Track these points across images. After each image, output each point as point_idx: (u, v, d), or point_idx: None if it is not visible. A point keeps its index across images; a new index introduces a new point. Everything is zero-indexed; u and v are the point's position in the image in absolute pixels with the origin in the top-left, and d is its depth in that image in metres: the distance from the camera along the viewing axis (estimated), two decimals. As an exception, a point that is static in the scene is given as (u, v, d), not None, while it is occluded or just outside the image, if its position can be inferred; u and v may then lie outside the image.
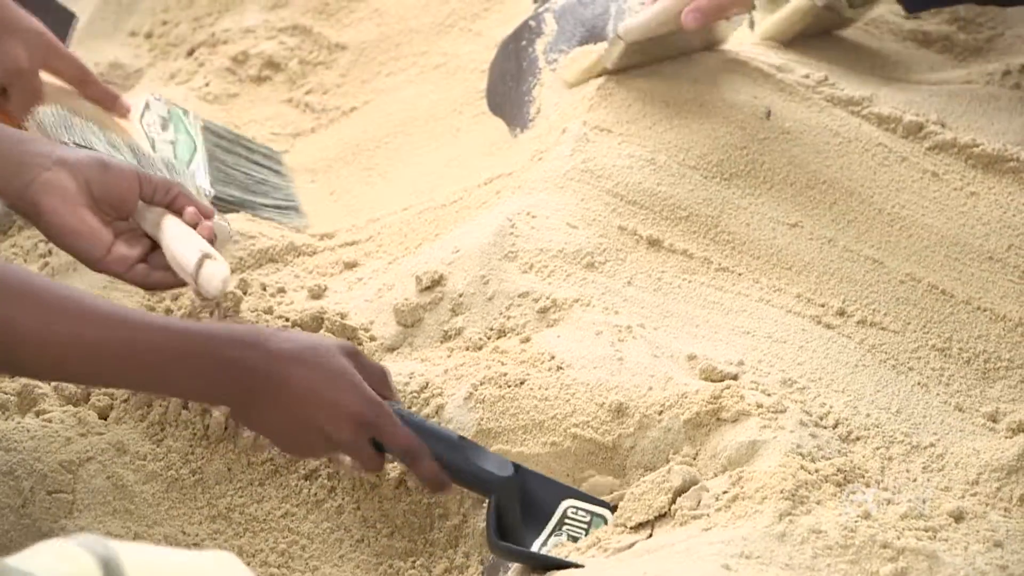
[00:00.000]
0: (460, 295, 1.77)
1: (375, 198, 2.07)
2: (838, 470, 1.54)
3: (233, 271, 1.88)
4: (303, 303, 1.80)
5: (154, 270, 1.65)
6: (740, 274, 1.84)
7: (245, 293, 1.81)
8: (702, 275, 1.82)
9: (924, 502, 1.56)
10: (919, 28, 2.23)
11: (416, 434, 1.50)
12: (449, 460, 1.51)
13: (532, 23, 2.17)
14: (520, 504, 1.54)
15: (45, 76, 1.88)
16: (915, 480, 1.60)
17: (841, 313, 1.80)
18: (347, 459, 1.50)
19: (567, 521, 1.56)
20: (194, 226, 1.66)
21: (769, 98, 1.99)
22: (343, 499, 1.64)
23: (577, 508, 1.57)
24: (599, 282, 1.77)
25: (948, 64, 2.14)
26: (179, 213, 1.67)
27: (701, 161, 1.92)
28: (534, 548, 1.53)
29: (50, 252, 1.92)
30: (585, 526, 1.56)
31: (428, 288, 1.79)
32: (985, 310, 1.83)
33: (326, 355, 1.47)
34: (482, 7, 2.34)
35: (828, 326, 1.79)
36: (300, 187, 2.11)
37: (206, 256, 1.60)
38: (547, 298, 1.73)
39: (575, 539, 1.55)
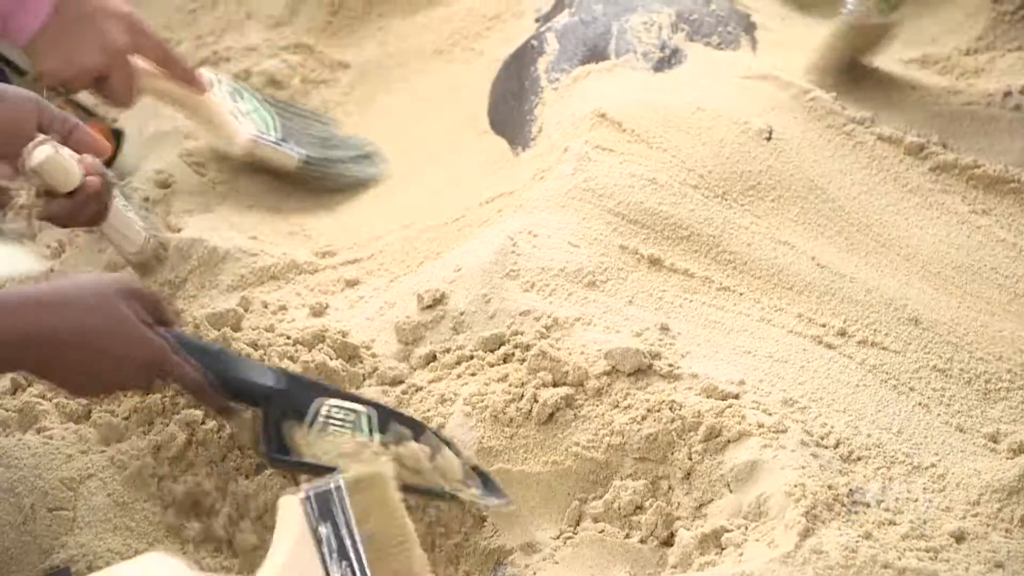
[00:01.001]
0: (462, 313, 1.77)
1: (377, 216, 2.07)
2: (840, 490, 1.54)
3: (234, 289, 1.88)
4: (304, 321, 1.81)
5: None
6: (741, 294, 1.83)
7: (247, 311, 1.81)
8: (703, 294, 1.82)
9: (925, 522, 1.57)
10: (921, 50, 2.24)
11: (190, 353, 1.54)
12: (219, 374, 1.54)
13: (534, 43, 2.18)
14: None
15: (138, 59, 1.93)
16: (916, 500, 1.60)
17: (842, 333, 1.80)
18: None
19: (330, 420, 1.57)
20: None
21: (771, 118, 1.99)
22: (344, 517, 1.64)
23: (337, 407, 1.59)
24: (600, 301, 1.77)
25: (949, 86, 2.14)
26: (76, 148, 1.65)
27: (702, 181, 1.92)
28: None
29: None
30: (349, 424, 1.58)
31: (430, 306, 1.79)
32: (986, 331, 1.83)
33: (103, 304, 1.49)
34: (484, 26, 2.35)
35: (829, 346, 1.79)
36: (302, 203, 2.12)
37: (41, 142, 1.59)
38: (548, 317, 1.73)
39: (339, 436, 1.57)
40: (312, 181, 2.10)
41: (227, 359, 1.58)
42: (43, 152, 1.58)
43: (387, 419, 1.59)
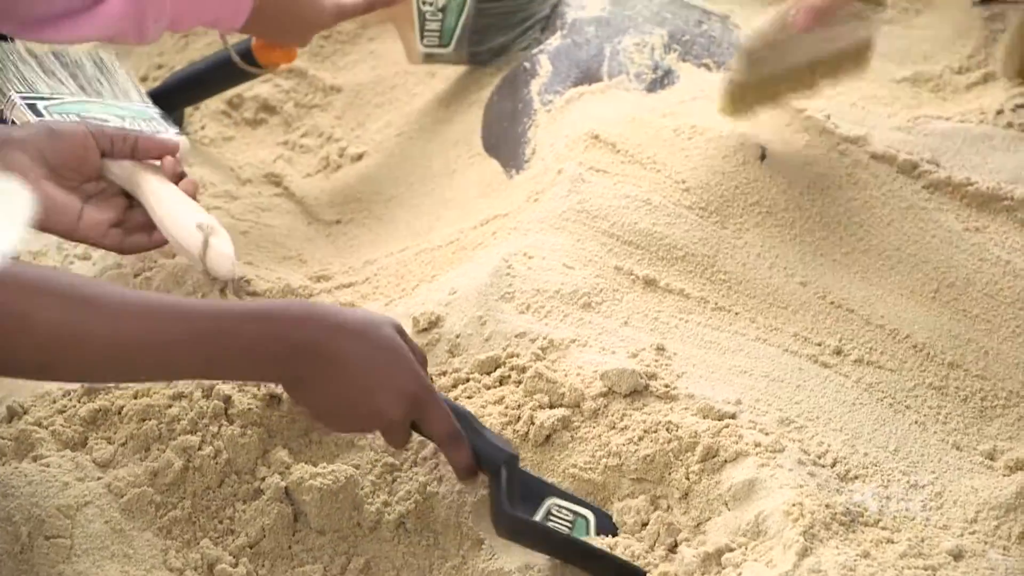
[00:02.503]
0: (457, 336, 1.77)
1: (371, 240, 2.08)
2: (837, 509, 1.55)
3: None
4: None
5: (129, 234, 1.65)
6: (737, 313, 1.84)
7: (242, 336, 1.81)
8: (698, 315, 1.82)
9: (923, 540, 1.57)
10: (913, 68, 2.24)
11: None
12: (468, 436, 1.54)
13: (527, 64, 2.19)
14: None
15: None
16: (914, 519, 1.60)
17: (838, 352, 1.81)
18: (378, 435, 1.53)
19: (551, 518, 1.57)
20: (177, 179, 1.65)
21: (765, 139, 2.00)
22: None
23: (561, 507, 1.59)
24: (596, 322, 1.77)
25: (941, 104, 2.15)
26: (145, 156, 1.68)
27: (696, 201, 1.93)
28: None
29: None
30: (569, 525, 1.58)
31: (425, 329, 1.79)
32: (982, 348, 1.84)
33: (379, 330, 1.48)
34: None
35: (825, 365, 1.79)
36: (297, 227, 2.12)
37: (210, 235, 1.60)
38: (544, 338, 1.74)
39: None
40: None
41: (474, 422, 1.57)
42: (228, 252, 1.64)
43: (608, 526, 1.60)
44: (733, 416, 1.65)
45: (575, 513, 1.59)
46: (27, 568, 1.53)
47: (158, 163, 1.72)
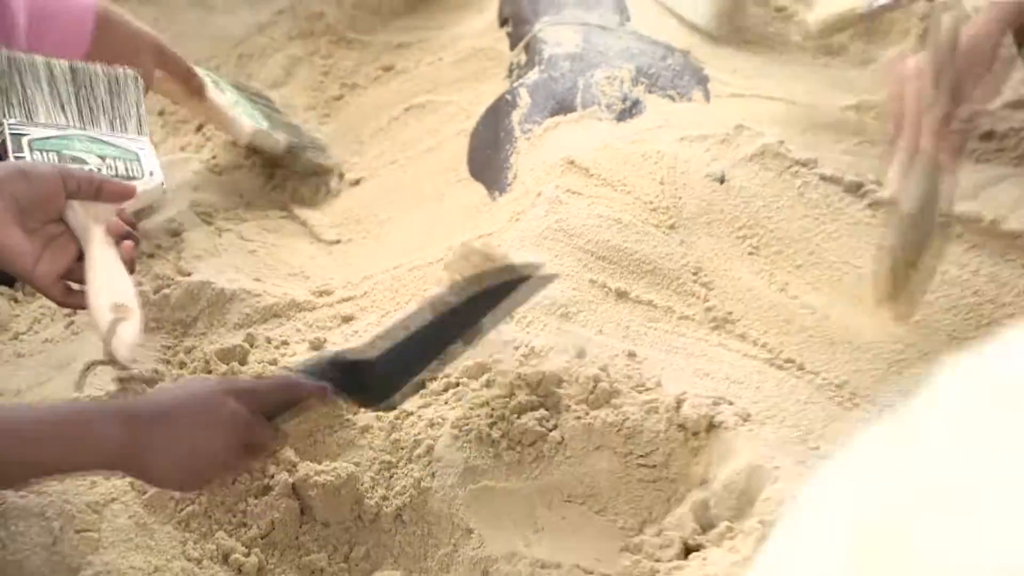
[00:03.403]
0: (447, 345, 1.78)
1: (369, 258, 2.08)
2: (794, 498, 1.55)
3: (240, 327, 1.88)
4: (305, 354, 1.80)
5: (71, 294, 1.61)
6: (699, 322, 1.84)
7: (252, 346, 1.81)
8: (665, 323, 1.83)
9: None
10: (857, 98, 2.24)
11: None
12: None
13: (508, 97, 2.19)
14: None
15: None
16: (862, 507, 1.61)
17: (791, 356, 1.81)
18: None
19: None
20: (122, 238, 1.62)
21: (724, 162, 2.00)
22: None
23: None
24: (573, 331, 1.77)
25: (883, 130, 2.15)
26: (108, 200, 1.65)
27: (663, 220, 1.93)
28: None
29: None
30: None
31: (418, 339, 1.79)
32: (922, 350, 1.84)
33: (195, 401, 1.45)
34: (456, 88, 2.35)
35: (780, 367, 1.80)
36: (301, 247, 2.12)
37: (119, 320, 1.56)
38: (526, 346, 1.74)
39: None
40: (289, 165, 2.21)
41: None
42: (128, 340, 1.57)
43: None
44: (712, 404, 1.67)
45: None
46: (59, 559, 1.53)
47: (119, 206, 1.68)
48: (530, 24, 2.31)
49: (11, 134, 1.78)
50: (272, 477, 1.63)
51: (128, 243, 1.63)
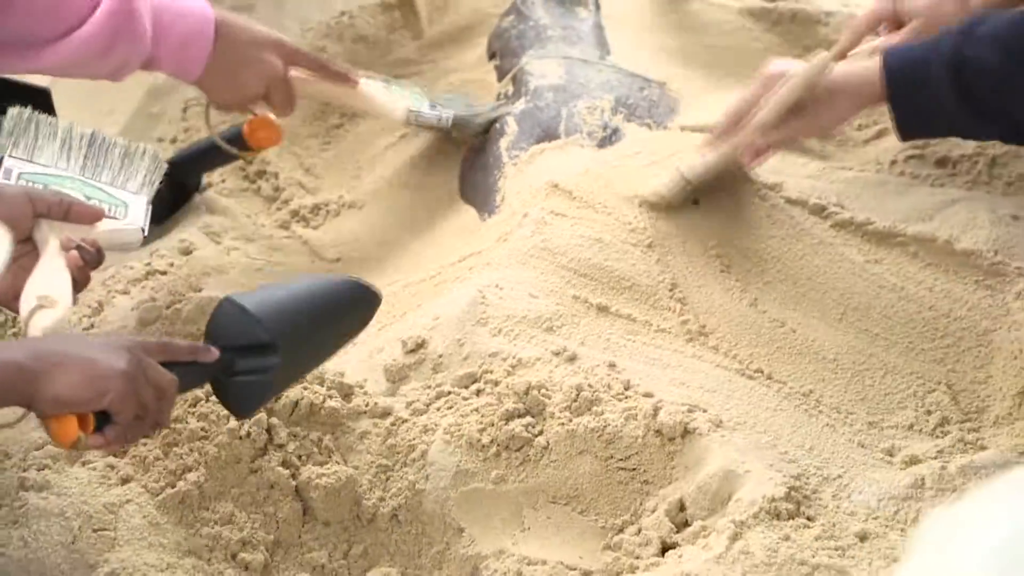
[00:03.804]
0: (440, 356, 1.78)
1: (366, 275, 2.04)
2: (762, 500, 1.56)
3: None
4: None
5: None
6: (675, 335, 1.84)
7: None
8: (644, 336, 1.83)
9: (835, 525, 1.58)
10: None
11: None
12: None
13: (497, 125, 2.18)
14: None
15: (294, 71, 1.96)
16: (826, 507, 1.61)
17: (760, 367, 1.82)
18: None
19: None
20: (77, 250, 1.59)
21: (699, 188, 1.98)
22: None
23: None
24: (557, 343, 1.78)
25: (845, 155, 2.15)
26: (76, 221, 1.62)
27: (641, 239, 1.93)
28: None
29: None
30: None
31: (413, 350, 1.80)
32: (881, 361, 1.84)
33: (100, 335, 1.45)
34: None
35: (750, 377, 1.80)
36: (304, 265, 2.12)
37: (40, 307, 1.53)
38: (514, 357, 1.74)
39: None
40: (463, 133, 2.20)
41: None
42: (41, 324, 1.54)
43: None
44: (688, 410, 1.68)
45: None
46: (78, 556, 1.54)
47: (89, 227, 1.65)
48: (517, 57, 2.31)
49: (5, 167, 1.76)
50: (277, 479, 1.64)
51: (74, 253, 1.59)
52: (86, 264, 1.61)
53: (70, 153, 1.81)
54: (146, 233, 1.78)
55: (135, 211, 1.79)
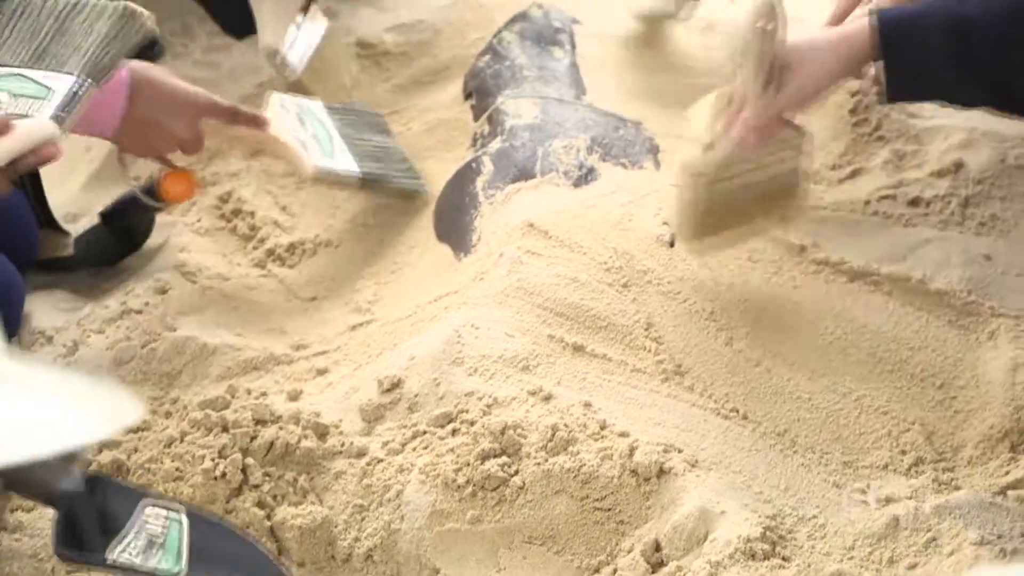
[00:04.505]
0: (416, 395, 1.78)
1: (342, 314, 2.07)
2: (735, 542, 1.56)
3: (222, 379, 1.88)
4: (283, 405, 1.81)
5: None
6: (651, 374, 1.84)
7: (233, 397, 1.81)
8: (619, 375, 1.83)
9: (810, 565, 1.58)
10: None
11: None
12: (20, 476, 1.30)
13: (473, 165, 2.19)
14: (97, 513, 1.35)
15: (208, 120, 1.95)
16: (802, 547, 1.62)
17: (736, 406, 1.82)
18: None
19: (147, 523, 1.38)
20: None
21: (673, 225, 1.99)
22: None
23: (156, 512, 1.40)
24: (533, 383, 1.78)
25: (820, 195, 2.16)
26: None
27: (617, 279, 1.94)
28: (113, 554, 1.34)
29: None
30: (162, 528, 1.40)
31: (388, 390, 1.80)
32: (855, 398, 1.85)
33: None
34: (424, 156, 2.34)
35: (725, 417, 1.80)
36: (279, 304, 2.13)
37: None
38: (490, 396, 1.75)
39: (152, 540, 1.38)
40: (376, 190, 2.19)
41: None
42: None
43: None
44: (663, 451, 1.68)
45: (169, 518, 1.41)
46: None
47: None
48: (493, 97, 2.32)
49: None
50: (251, 520, 1.64)
51: None
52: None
53: (31, 36, 1.73)
54: (62, 132, 1.65)
55: (54, 101, 1.67)
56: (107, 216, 2.14)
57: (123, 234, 2.16)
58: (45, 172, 2.00)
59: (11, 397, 0.85)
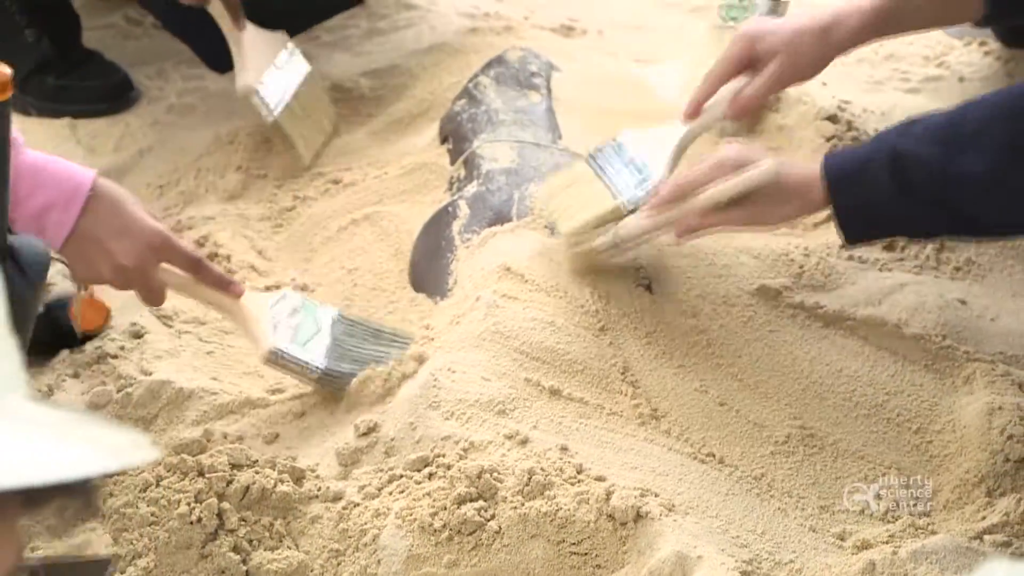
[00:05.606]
0: (392, 439, 1.78)
1: None
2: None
3: (198, 423, 1.88)
4: (259, 449, 1.81)
5: None
6: (628, 418, 1.85)
7: (209, 440, 1.81)
8: (596, 419, 1.84)
9: None
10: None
11: None
12: None
13: (449, 208, 2.20)
14: None
15: (165, 265, 1.84)
16: (779, 593, 1.63)
17: (711, 454, 1.83)
18: None
19: None
20: None
21: (650, 270, 2.02)
22: None
23: None
24: (510, 427, 1.78)
25: (797, 239, 2.18)
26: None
27: (593, 323, 1.94)
28: None
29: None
30: None
31: (365, 434, 1.80)
32: (831, 441, 1.86)
33: None
34: (400, 200, 2.36)
35: (702, 461, 1.81)
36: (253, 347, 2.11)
37: None
38: (466, 440, 1.75)
39: None
40: (327, 387, 1.93)
41: None
42: None
43: None
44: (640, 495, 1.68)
45: None
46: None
47: None
48: (469, 141, 2.33)
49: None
50: (227, 564, 1.64)
51: None
52: None
53: None
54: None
55: None
56: (46, 308, 2.01)
57: (60, 332, 2.05)
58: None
59: (24, 431, 0.87)
